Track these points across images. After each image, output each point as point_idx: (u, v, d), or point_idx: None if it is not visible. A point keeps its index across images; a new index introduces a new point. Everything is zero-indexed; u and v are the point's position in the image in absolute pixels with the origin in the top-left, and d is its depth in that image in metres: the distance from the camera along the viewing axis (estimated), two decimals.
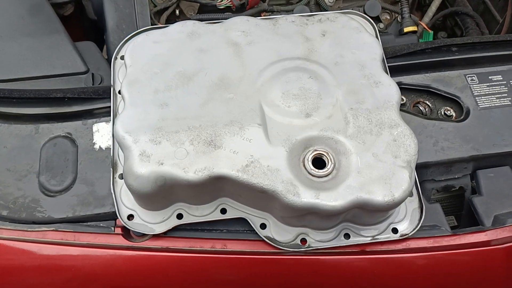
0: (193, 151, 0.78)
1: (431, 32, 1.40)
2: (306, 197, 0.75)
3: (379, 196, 0.76)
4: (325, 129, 0.81)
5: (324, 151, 0.80)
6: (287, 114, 0.83)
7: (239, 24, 0.95)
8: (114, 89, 0.95)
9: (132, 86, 0.86)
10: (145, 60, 0.89)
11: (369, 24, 1.03)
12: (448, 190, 0.99)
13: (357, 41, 0.93)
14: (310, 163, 0.79)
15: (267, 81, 0.87)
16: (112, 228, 0.87)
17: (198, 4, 1.26)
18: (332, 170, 0.79)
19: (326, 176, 0.78)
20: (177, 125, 0.81)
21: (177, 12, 1.28)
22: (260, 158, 0.78)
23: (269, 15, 1.30)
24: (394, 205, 0.76)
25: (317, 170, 0.78)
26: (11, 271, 0.86)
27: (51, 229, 0.86)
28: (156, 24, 1.19)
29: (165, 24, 1.26)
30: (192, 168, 0.76)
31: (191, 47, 0.92)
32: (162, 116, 0.82)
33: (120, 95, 0.94)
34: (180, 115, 0.82)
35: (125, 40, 1.00)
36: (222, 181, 0.78)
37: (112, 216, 0.88)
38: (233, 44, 0.92)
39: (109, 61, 1.10)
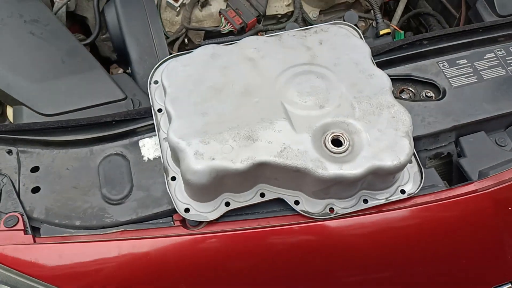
0: (236, 146, 0.96)
1: (402, 32, 1.63)
2: (332, 169, 0.94)
3: (389, 161, 0.95)
4: (337, 115, 1.01)
5: (340, 133, 0.99)
6: (305, 108, 1.02)
7: (251, 42, 1.15)
8: (154, 109, 1.13)
9: (175, 102, 1.04)
10: (180, 80, 1.08)
11: (355, 31, 1.25)
12: (439, 156, 1.20)
13: (348, 45, 1.14)
14: (330, 143, 0.98)
15: (283, 85, 1.07)
16: (172, 222, 1.04)
17: (204, 32, 1.46)
18: (348, 146, 0.98)
19: (344, 152, 0.98)
20: (219, 127, 0.99)
21: (186, 40, 1.47)
22: (291, 144, 0.97)
23: (263, 34, 1.51)
24: (401, 167, 0.96)
25: (336, 148, 0.98)
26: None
27: (121, 230, 1.03)
28: (171, 53, 1.38)
29: (178, 51, 1.45)
30: (238, 159, 0.95)
31: (215, 65, 1.11)
32: (205, 122, 1.00)
33: (159, 113, 1.12)
34: (219, 120, 1.01)
35: (156, 68, 1.18)
36: (262, 167, 0.96)
37: (169, 213, 1.05)
38: (249, 59, 1.12)
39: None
